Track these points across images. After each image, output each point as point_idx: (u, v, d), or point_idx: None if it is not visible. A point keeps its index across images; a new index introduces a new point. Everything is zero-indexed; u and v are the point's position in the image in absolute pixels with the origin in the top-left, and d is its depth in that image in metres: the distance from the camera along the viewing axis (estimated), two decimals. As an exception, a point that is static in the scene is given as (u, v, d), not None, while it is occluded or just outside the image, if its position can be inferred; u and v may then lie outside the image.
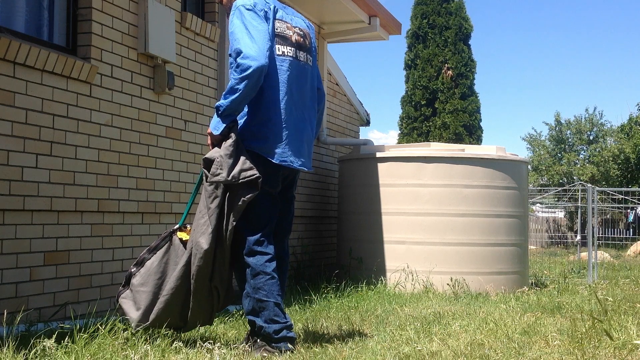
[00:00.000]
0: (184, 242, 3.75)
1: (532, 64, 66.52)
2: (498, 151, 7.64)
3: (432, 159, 7.42)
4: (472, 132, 16.97)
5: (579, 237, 15.71)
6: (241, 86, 3.41)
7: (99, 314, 4.31)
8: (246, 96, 3.46)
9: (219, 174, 3.47)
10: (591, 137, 28.96)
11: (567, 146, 29.05)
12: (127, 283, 3.76)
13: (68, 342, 3.27)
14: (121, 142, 5.05)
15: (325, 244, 8.65)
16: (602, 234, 17.55)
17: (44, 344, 3.18)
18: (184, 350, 3.49)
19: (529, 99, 63.12)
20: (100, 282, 4.86)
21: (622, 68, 58.94)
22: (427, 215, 7.36)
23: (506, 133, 61.80)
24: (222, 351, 3.53)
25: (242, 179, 3.48)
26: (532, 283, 8.19)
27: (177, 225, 3.85)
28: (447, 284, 7.09)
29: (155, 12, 5.32)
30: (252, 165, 3.50)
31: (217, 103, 3.51)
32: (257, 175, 3.49)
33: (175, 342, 3.57)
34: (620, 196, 14.94)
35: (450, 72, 17.05)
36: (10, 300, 4.13)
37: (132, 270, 3.76)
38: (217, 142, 3.56)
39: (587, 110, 34.82)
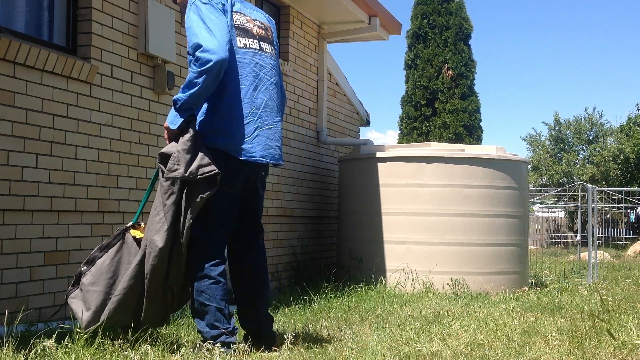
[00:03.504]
0: (137, 240, 3.62)
1: (532, 64, 66.54)
2: (498, 151, 7.64)
3: (432, 159, 7.42)
4: (472, 132, 16.97)
5: (579, 237, 15.72)
6: (200, 80, 3.31)
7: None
8: (205, 90, 3.36)
9: (176, 169, 3.34)
10: (591, 137, 28.96)
11: (566, 146, 29.05)
12: (76, 282, 3.61)
13: (68, 342, 3.27)
14: (121, 142, 5.05)
15: (325, 244, 8.65)
16: (602, 234, 17.56)
17: (44, 344, 3.18)
18: (183, 350, 3.49)
19: (529, 99, 63.14)
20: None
21: (621, 68, 58.97)
22: (427, 215, 7.36)
23: (506, 133, 61.83)
24: (222, 351, 3.53)
25: (199, 175, 3.35)
26: (532, 283, 8.19)
27: (130, 223, 3.72)
28: (447, 284, 7.09)
29: (155, 12, 5.32)
30: (210, 161, 3.37)
31: (175, 97, 3.41)
32: (216, 171, 3.36)
33: (174, 342, 3.57)
34: (620, 196, 14.94)
35: (450, 72, 17.05)
36: (10, 300, 4.13)
37: (82, 269, 3.61)
38: (174, 136, 3.44)
39: (586, 110, 34.85)
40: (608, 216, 20.05)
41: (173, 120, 3.44)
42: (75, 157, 4.63)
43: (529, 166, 24.41)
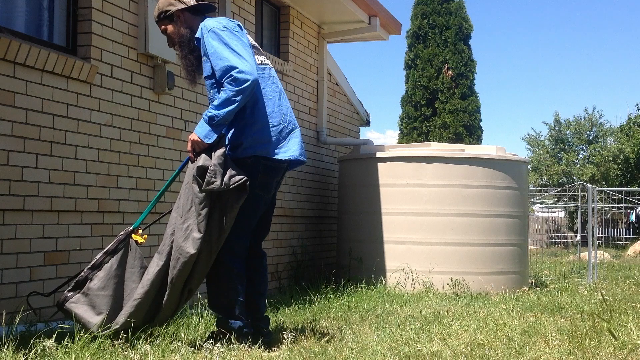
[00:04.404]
0: (138, 245, 3.82)
1: (531, 64, 66.53)
2: (498, 151, 7.64)
3: (432, 159, 7.42)
4: (472, 132, 16.97)
5: (578, 237, 15.72)
6: (238, 98, 3.60)
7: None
8: (239, 107, 3.65)
9: (213, 182, 3.56)
10: (591, 137, 28.96)
11: (566, 146, 29.06)
12: (78, 287, 3.70)
13: (68, 342, 3.27)
14: (121, 142, 5.05)
15: (325, 244, 8.65)
16: (602, 234, 17.55)
17: (44, 344, 3.19)
18: (183, 350, 3.50)
19: (529, 99, 63.13)
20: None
21: (621, 68, 58.97)
22: (427, 215, 7.36)
23: (506, 133, 61.80)
24: (222, 350, 3.53)
25: (232, 184, 3.58)
26: (532, 283, 8.19)
27: (132, 227, 3.86)
28: (447, 284, 7.09)
29: (155, 12, 5.31)
30: (238, 170, 3.63)
31: (211, 113, 3.63)
32: (246, 178, 3.61)
33: (174, 342, 3.57)
34: (620, 196, 14.94)
35: (450, 72, 17.05)
36: (10, 300, 4.13)
37: (87, 273, 3.72)
38: (202, 149, 3.66)
39: (586, 110, 34.87)
40: (608, 216, 20.05)
41: (207, 134, 3.65)
42: (75, 157, 4.63)
43: (529, 166, 24.41)
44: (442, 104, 17.12)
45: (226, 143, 3.78)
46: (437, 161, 7.41)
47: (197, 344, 3.67)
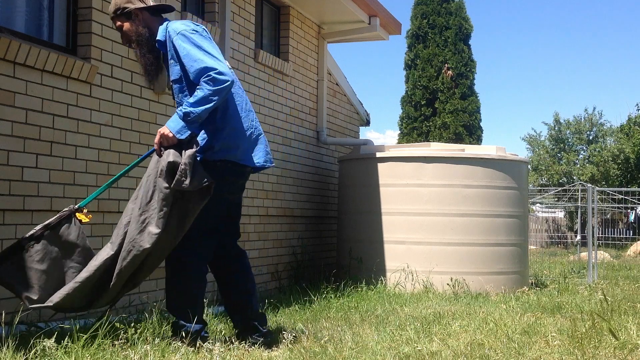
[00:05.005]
0: (81, 224, 3.70)
1: (531, 64, 66.51)
2: (498, 151, 7.64)
3: (432, 159, 7.42)
4: (472, 132, 16.97)
5: (579, 237, 15.72)
6: (215, 98, 3.60)
7: (99, 314, 4.30)
8: (215, 106, 3.65)
9: (182, 181, 3.53)
10: (591, 137, 28.96)
11: (566, 146, 29.05)
12: (13, 254, 3.53)
13: (68, 342, 3.27)
14: (121, 142, 5.05)
15: (325, 244, 8.65)
16: (602, 234, 17.55)
17: (44, 344, 3.19)
18: (183, 350, 3.50)
19: (529, 99, 63.12)
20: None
21: (621, 68, 58.93)
22: (427, 215, 7.36)
23: (506, 133, 61.73)
24: (222, 350, 3.53)
25: (200, 186, 3.58)
26: (532, 283, 8.19)
27: (77, 206, 3.74)
28: (447, 284, 7.09)
29: (155, 12, 5.31)
30: (206, 173, 3.61)
31: (186, 110, 3.60)
32: (212, 181, 3.61)
33: (174, 342, 3.57)
34: (620, 196, 14.94)
35: (450, 72, 17.05)
36: (10, 300, 4.12)
37: (24, 243, 3.54)
38: (171, 144, 3.62)
39: (586, 110, 34.86)
40: (608, 216, 20.05)
41: (180, 130, 3.63)
42: (75, 157, 4.63)
43: (529, 166, 24.42)
44: (442, 104, 17.12)
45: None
46: (437, 161, 7.41)
47: (197, 344, 3.67)
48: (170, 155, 3.58)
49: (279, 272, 7.46)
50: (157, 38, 3.82)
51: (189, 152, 3.58)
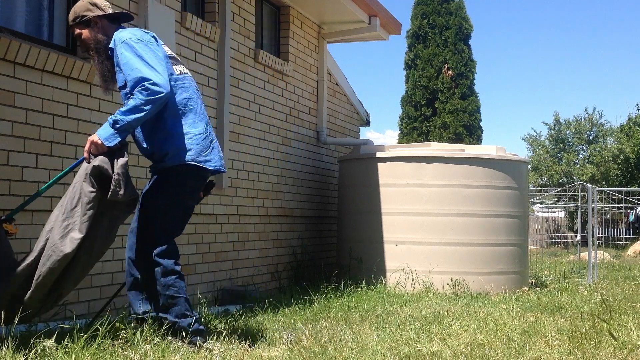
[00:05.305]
0: (8, 235, 3.65)
1: (531, 64, 66.51)
2: (498, 151, 7.64)
3: (432, 159, 7.42)
4: (472, 132, 16.97)
5: (579, 237, 15.73)
6: (147, 107, 3.61)
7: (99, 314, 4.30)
8: (147, 117, 3.66)
9: (117, 192, 3.53)
10: (591, 137, 28.95)
11: (566, 146, 29.04)
12: None
13: (68, 342, 3.27)
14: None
15: (325, 244, 8.65)
16: (602, 234, 17.56)
17: (44, 344, 3.18)
18: (183, 350, 3.50)
19: (529, 99, 63.12)
20: (100, 282, 4.86)
21: (621, 68, 58.93)
22: (427, 215, 7.36)
23: (506, 133, 61.72)
24: (222, 350, 3.53)
25: (131, 196, 3.63)
26: (532, 283, 8.19)
27: (4, 217, 3.70)
28: (447, 284, 7.09)
29: (155, 12, 5.32)
30: (133, 185, 3.66)
31: (116, 117, 3.61)
32: (138, 195, 3.70)
33: (174, 342, 3.57)
34: (620, 196, 14.94)
35: (450, 72, 17.05)
36: (10, 300, 4.12)
37: None
38: (101, 152, 3.61)
39: (586, 110, 34.84)
40: (608, 216, 20.05)
41: (109, 137, 3.62)
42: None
43: (529, 166, 24.42)
44: (442, 104, 17.13)
45: (149, 153, 3.86)
46: (437, 161, 7.41)
47: (197, 344, 3.67)
48: (97, 160, 3.57)
49: (279, 272, 7.46)
50: (109, 46, 3.86)
51: (122, 161, 3.58)
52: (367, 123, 10.27)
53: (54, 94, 4.49)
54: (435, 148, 7.90)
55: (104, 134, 3.61)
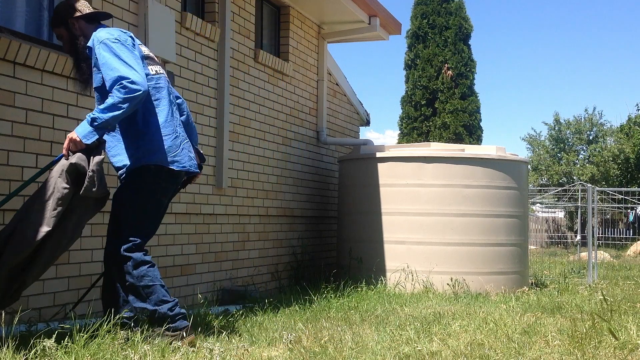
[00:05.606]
0: None
1: (531, 64, 66.52)
2: (498, 151, 7.64)
3: (432, 159, 7.42)
4: (472, 132, 16.98)
5: (579, 237, 15.73)
6: (125, 105, 3.66)
7: (99, 314, 4.30)
8: (125, 115, 3.70)
9: (91, 188, 3.61)
10: (591, 137, 28.96)
11: (566, 146, 29.05)
12: None
13: (68, 342, 3.27)
14: (121, 142, 5.03)
15: (325, 244, 8.65)
16: (602, 234, 17.57)
17: (44, 344, 3.18)
18: (183, 350, 3.50)
19: (529, 99, 63.13)
20: (100, 282, 4.85)
21: (621, 68, 58.95)
22: (427, 215, 7.36)
23: (506, 133, 61.75)
24: (222, 350, 3.53)
25: (103, 194, 3.71)
26: (532, 283, 8.19)
27: None
28: (447, 284, 7.09)
29: (155, 12, 5.32)
30: (105, 183, 3.74)
31: (94, 115, 3.65)
32: (108, 192, 3.77)
33: (174, 342, 3.57)
34: (620, 196, 14.95)
35: (450, 72, 17.06)
36: (10, 300, 4.12)
37: None
38: (79, 150, 3.66)
39: (586, 110, 34.86)
40: (608, 216, 20.05)
41: (87, 135, 3.67)
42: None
43: (529, 166, 24.41)
44: (442, 104, 17.13)
45: (115, 153, 3.94)
46: (437, 161, 7.41)
47: (197, 344, 3.67)
48: (74, 157, 3.62)
49: (279, 272, 7.46)
50: (87, 45, 3.89)
51: (97, 159, 3.66)
52: (367, 123, 10.28)
53: (54, 94, 4.49)
54: (435, 148, 7.90)
55: (82, 132, 3.66)
